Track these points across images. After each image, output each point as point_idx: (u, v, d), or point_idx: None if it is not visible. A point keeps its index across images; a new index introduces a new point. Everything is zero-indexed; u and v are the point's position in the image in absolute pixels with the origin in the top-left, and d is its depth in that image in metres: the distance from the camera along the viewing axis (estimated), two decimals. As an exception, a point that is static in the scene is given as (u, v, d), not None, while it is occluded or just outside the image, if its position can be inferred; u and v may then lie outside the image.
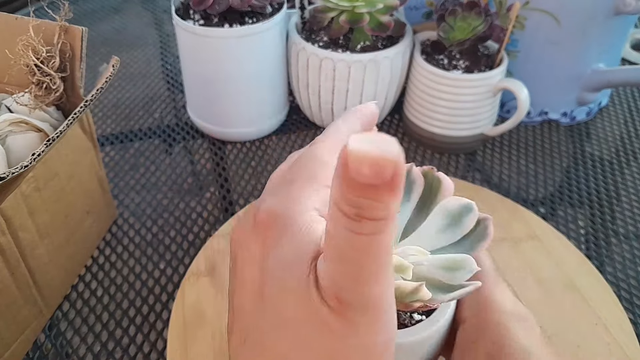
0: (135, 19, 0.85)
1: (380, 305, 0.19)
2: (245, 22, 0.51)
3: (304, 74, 0.56)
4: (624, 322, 0.39)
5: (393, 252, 0.25)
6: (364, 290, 0.19)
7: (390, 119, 0.63)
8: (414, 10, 0.63)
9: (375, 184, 0.16)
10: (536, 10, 0.54)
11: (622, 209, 0.52)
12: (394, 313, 0.20)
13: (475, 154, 0.58)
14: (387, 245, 0.18)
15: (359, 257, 0.18)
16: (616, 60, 0.60)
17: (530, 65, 0.58)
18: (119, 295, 0.44)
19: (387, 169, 0.15)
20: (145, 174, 0.56)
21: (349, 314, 0.19)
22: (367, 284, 0.18)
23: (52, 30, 0.40)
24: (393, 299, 0.20)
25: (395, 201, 0.17)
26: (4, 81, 0.42)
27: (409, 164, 0.26)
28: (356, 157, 0.15)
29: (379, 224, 0.17)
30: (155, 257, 0.47)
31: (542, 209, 0.52)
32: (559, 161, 0.57)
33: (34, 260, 0.38)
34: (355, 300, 0.19)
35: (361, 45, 0.53)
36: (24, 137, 0.38)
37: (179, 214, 0.51)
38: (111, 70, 0.39)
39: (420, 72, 0.54)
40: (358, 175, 0.15)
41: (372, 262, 0.18)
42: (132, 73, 0.72)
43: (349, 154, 0.15)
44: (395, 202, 0.17)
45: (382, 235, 0.17)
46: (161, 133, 0.61)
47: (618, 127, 0.63)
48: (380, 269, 0.18)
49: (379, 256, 0.18)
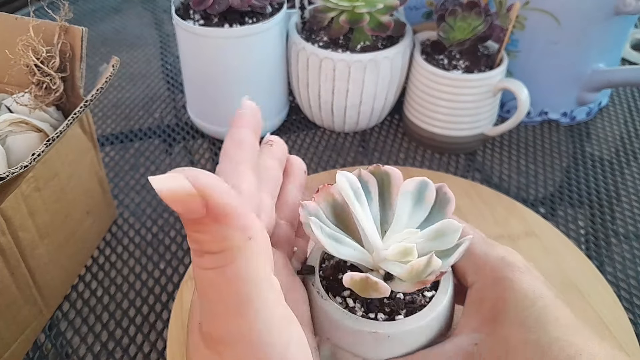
0: (135, 19, 0.85)
1: (250, 339, 0.18)
2: (245, 22, 0.51)
3: (304, 73, 0.56)
4: (624, 322, 0.39)
5: (396, 241, 0.26)
6: (223, 324, 0.18)
7: (390, 119, 0.63)
8: (414, 10, 0.63)
9: (196, 218, 0.16)
10: (536, 10, 0.54)
11: (622, 209, 0.52)
12: (275, 346, 0.19)
13: (475, 154, 0.58)
14: (247, 275, 0.17)
15: (212, 292, 0.18)
16: (616, 60, 0.60)
17: (530, 65, 0.58)
18: (119, 295, 0.44)
19: (193, 203, 0.15)
20: (146, 174, 0.56)
21: (219, 348, 0.19)
22: (225, 318, 0.18)
23: (52, 30, 0.40)
24: (275, 330, 0.19)
25: (231, 229, 0.17)
26: (4, 81, 0.42)
27: (356, 170, 0.28)
28: (165, 197, 0.15)
29: (221, 257, 0.17)
30: (155, 257, 0.47)
31: (542, 209, 0.52)
32: (559, 161, 0.57)
33: (34, 260, 0.38)
34: (219, 335, 0.18)
35: (361, 45, 0.53)
36: (24, 137, 0.38)
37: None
38: (111, 70, 0.39)
39: (420, 72, 0.54)
40: (179, 213, 0.16)
41: (227, 296, 0.18)
42: (132, 73, 0.72)
43: (160, 195, 0.15)
44: (233, 229, 0.17)
45: (231, 266, 0.17)
46: (161, 133, 0.61)
47: (618, 127, 0.63)
48: (242, 302, 0.18)
49: (237, 288, 0.17)
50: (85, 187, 0.43)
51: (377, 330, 0.26)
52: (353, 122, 0.58)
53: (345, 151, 0.58)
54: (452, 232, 0.27)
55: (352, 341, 0.26)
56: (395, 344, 0.26)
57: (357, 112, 0.57)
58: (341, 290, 0.28)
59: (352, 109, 0.56)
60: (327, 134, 0.61)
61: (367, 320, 0.26)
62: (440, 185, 0.28)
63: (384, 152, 0.58)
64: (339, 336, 0.26)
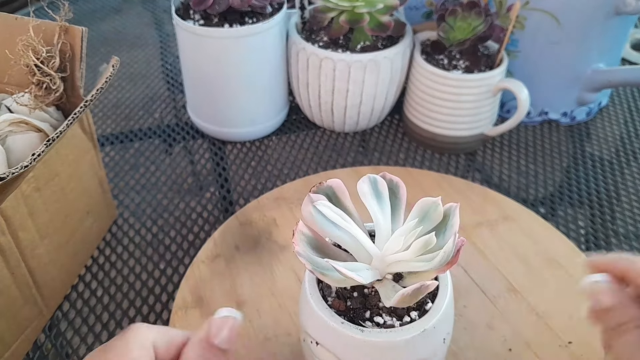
0: (135, 19, 0.85)
1: None
2: (245, 22, 0.51)
3: (304, 73, 0.56)
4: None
5: (396, 240, 0.27)
6: None
7: (391, 119, 0.63)
8: (414, 10, 0.63)
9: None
10: (536, 10, 0.54)
11: (622, 208, 0.52)
12: None
13: (475, 154, 0.58)
14: None
15: None
16: (616, 60, 0.60)
17: (531, 65, 0.58)
18: (119, 295, 0.44)
19: None
20: (145, 174, 0.56)
21: None
22: None
23: (52, 31, 0.40)
24: None
25: None
26: (4, 81, 0.42)
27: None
28: None
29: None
30: (155, 257, 0.47)
31: (542, 208, 0.52)
32: (559, 161, 0.57)
33: (34, 261, 0.38)
34: None
35: (361, 45, 0.53)
36: (24, 137, 0.38)
37: (179, 214, 0.51)
38: (111, 71, 0.39)
39: (420, 72, 0.54)
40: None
41: None
42: (132, 73, 0.72)
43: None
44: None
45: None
46: (161, 133, 0.61)
47: (618, 127, 0.63)
48: None
49: None
50: (85, 187, 0.43)
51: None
52: (353, 122, 0.58)
53: (345, 151, 0.58)
54: (432, 205, 0.27)
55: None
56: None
57: (357, 112, 0.57)
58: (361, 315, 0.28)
59: (352, 109, 0.56)
60: (327, 134, 0.61)
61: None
62: (383, 174, 0.29)
63: (383, 152, 0.58)
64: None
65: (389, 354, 0.27)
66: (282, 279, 0.42)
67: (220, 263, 0.43)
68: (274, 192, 0.49)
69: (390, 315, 0.28)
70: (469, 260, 0.43)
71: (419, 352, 0.27)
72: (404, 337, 0.26)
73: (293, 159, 0.57)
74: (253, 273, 0.42)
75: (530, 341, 0.37)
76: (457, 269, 0.42)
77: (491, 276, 0.42)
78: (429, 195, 0.28)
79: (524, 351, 0.37)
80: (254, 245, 0.44)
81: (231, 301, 0.40)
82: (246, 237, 0.45)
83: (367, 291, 0.29)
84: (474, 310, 0.39)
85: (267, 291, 0.41)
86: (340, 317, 0.27)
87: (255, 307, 0.39)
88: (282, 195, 0.48)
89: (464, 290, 0.41)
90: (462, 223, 0.45)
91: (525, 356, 0.36)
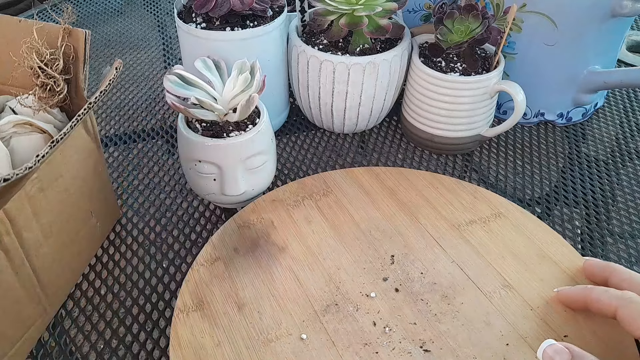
0: (138, 22, 0.86)
1: None
2: (246, 25, 0.52)
3: (304, 76, 0.56)
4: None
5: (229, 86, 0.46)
6: None
7: (389, 121, 0.63)
8: (412, 13, 0.64)
9: None
10: (533, 12, 0.55)
11: (618, 208, 0.52)
12: None
13: (473, 155, 0.59)
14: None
15: None
16: (612, 62, 0.61)
17: (527, 67, 0.58)
18: (122, 293, 0.45)
19: None
20: (149, 174, 0.56)
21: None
22: None
23: (55, 33, 0.40)
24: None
25: None
26: (8, 83, 0.43)
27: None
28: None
29: None
30: (159, 256, 0.48)
31: (538, 208, 0.52)
32: (555, 161, 0.58)
33: (38, 260, 0.39)
34: None
35: (360, 47, 0.54)
36: (28, 139, 0.39)
37: (182, 213, 0.52)
38: (114, 73, 0.40)
39: (418, 75, 0.54)
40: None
41: None
42: (135, 75, 0.73)
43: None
44: None
45: None
46: (164, 134, 0.62)
47: (614, 128, 0.63)
48: None
49: None
50: (89, 187, 0.44)
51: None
52: (352, 123, 0.59)
53: (345, 152, 0.59)
54: (242, 63, 0.45)
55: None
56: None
57: (356, 114, 0.58)
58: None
59: (351, 111, 0.57)
60: (326, 135, 0.62)
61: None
62: (210, 57, 0.47)
63: (382, 153, 0.59)
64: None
65: (244, 148, 0.45)
66: (281, 280, 0.42)
67: (219, 266, 0.43)
68: (270, 194, 0.49)
69: (238, 131, 0.45)
70: (464, 258, 0.43)
71: (259, 146, 0.46)
72: (249, 136, 0.45)
73: (293, 160, 0.58)
74: (252, 275, 0.42)
75: (526, 336, 0.38)
76: (453, 266, 0.43)
77: (486, 272, 0.42)
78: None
79: (521, 346, 0.37)
80: (252, 247, 0.45)
81: (232, 303, 0.40)
82: (244, 240, 0.45)
83: (221, 124, 0.46)
84: (471, 307, 0.40)
85: (267, 292, 0.41)
86: (207, 137, 0.45)
87: (255, 309, 0.40)
88: (278, 197, 0.49)
89: (460, 287, 0.41)
90: (455, 220, 0.46)
91: (522, 351, 0.37)
